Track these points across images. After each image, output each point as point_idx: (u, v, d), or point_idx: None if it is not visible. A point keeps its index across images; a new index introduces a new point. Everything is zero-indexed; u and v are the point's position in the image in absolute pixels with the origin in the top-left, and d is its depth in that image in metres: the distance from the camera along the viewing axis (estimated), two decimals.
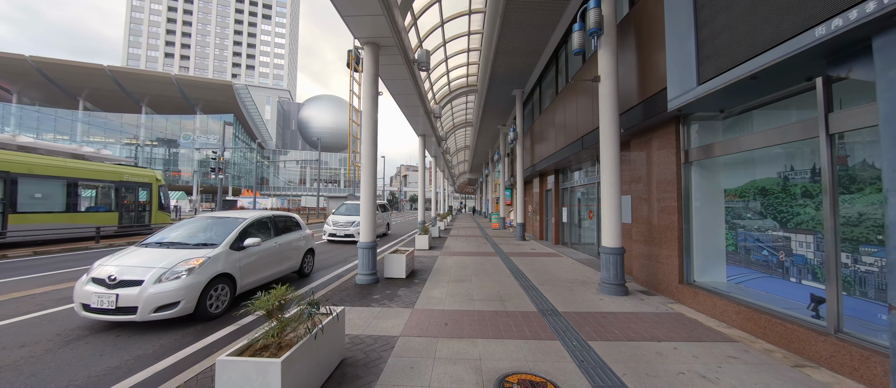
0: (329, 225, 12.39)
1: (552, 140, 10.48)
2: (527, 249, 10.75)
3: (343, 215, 12.93)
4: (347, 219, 12.50)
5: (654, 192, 5.55)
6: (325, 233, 12.39)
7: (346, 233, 12.16)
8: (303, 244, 6.71)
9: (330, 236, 12.26)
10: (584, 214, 9.99)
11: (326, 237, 12.40)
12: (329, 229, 12.30)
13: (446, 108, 16.48)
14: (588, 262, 8.23)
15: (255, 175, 36.37)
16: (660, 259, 5.38)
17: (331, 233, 12.24)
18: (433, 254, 9.52)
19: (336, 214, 13.19)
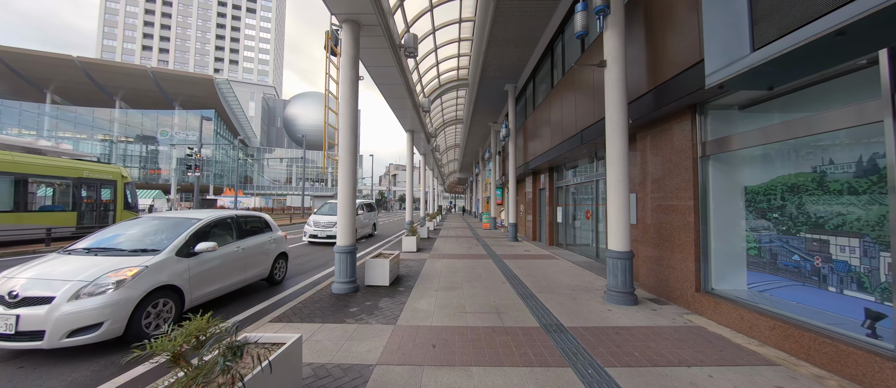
0: (310, 226, 11.57)
1: (547, 136, 9.95)
2: (520, 250, 10.19)
3: (325, 215, 12.13)
4: (330, 219, 11.70)
5: (666, 190, 5.02)
6: (306, 234, 11.57)
7: (329, 234, 11.37)
8: (273, 248, 5.94)
9: (311, 237, 11.45)
10: (580, 213, 9.49)
11: (307, 239, 11.58)
12: (310, 230, 11.48)
13: (436, 103, 15.81)
14: (586, 265, 7.70)
15: (237, 173, 34.94)
16: (672, 264, 4.85)
17: (312, 234, 11.42)
18: (421, 257, 8.85)
19: (318, 213, 12.38)
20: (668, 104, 4.54)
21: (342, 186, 5.38)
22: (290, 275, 7.02)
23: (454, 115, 19.10)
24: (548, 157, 9.85)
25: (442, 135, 23.93)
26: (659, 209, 5.19)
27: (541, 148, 10.66)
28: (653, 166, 5.36)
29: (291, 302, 4.76)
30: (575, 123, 7.63)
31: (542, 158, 10.52)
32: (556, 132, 9.12)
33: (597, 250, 8.20)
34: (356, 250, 5.44)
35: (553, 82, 10.01)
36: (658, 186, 5.22)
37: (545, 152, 10.00)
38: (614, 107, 4.88)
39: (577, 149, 7.83)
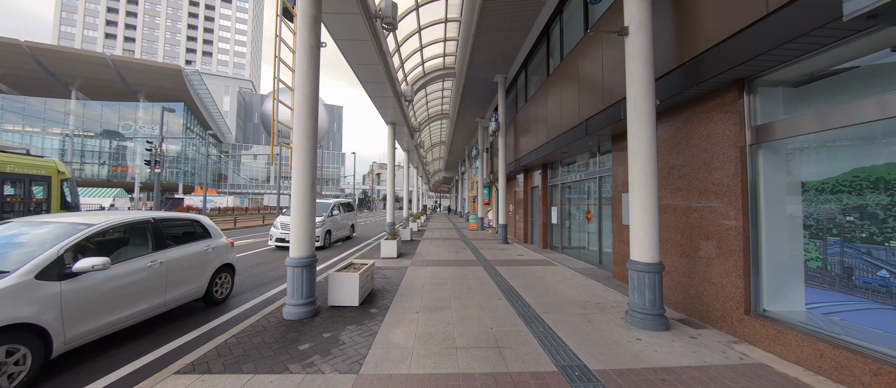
0: (276, 228, 10.24)
1: (542, 129, 9.02)
2: (512, 255, 9.23)
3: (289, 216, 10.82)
4: None
5: (700, 186, 4.12)
6: (272, 238, 10.25)
7: None
8: (211, 259, 4.69)
9: (278, 241, 10.12)
10: (578, 214, 8.61)
11: (274, 243, 10.25)
12: (276, 233, 10.16)
13: (420, 94, 14.68)
14: (589, 272, 6.80)
15: (207, 170, 32.66)
16: (709, 278, 3.96)
17: (278, 237, 10.10)
18: (402, 264, 7.74)
19: (286, 213, 11.05)
20: (708, 79, 3.62)
21: (297, 180, 4.22)
22: (240, 290, 5.76)
23: (439, 108, 18.03)
24: (543, 152, 8.92)
25: (427, 131, 22.81)
26: (688, 211, 4.29)
27: (534, 143, 9.73)
28: (681, 158, 4.46)
29: (225, 334, 3.57)
30: (578, 111, 6.70)
31: (535, 153, 9.59)
32: (553, 124, 8.20)
33: (600, 255, 7.32)
34: (315, 261, 4.28)
35: (549, 70, 9.09)
36: (688, 181, 4.32)
37: (540, 147, 9.07)
38: (639, 84, 3.93)
39: (580, 142, 6.91)
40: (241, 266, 7.68)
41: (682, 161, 4.44)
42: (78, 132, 42.94)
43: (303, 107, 4.23)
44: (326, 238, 10.88)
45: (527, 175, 12.10)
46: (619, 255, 6.11)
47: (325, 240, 10.65)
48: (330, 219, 11.36)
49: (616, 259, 6.22)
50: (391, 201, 12.51)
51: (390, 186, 12.40)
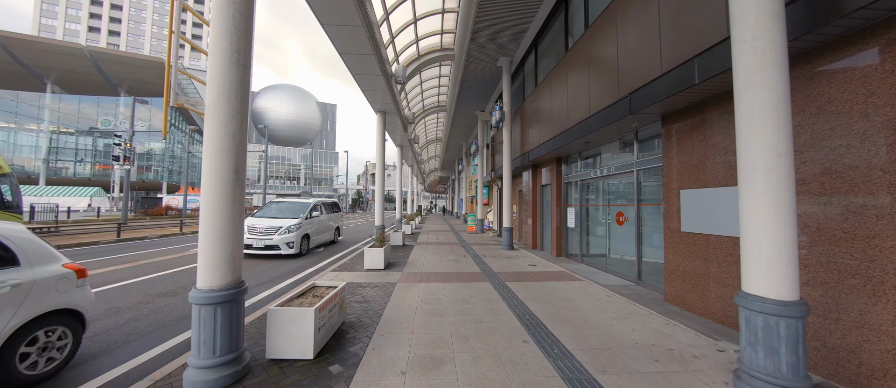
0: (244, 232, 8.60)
1: (560, 115, 7.53)
2: (523, 265, 7.70)
3: (266, 218, 9.20)
4: (271, 223, 8.78)
5: (853, 175, 2.63)
6: None
7: (268, 243, 8.45)
8: (11, 304, 2.58)
9: (245, 247, 8.48)
10: (604, 217, 7.11)
11: None
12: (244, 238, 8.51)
13: (414, 81, 13.13)
14: (629, 292, 5.30)
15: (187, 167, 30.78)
16: (871, 323, 2.46)
17: (245, 243, 8.47)
18: (390, 278, 6.17)
19: (257, 215, 9.43)
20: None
21: (211, 162, 2.64)
22: (132, 336, 3.96)
23: (436, 100, 16.49)
24: (559, 143, 7.43)
25: (422, 125, 21.25)
26: (824, 216, 2.80)
27: (547, 133, 8.24)
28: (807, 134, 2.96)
29: None
30: (615, 86, 5.19)
31: (548, 145, 8.10)
32: (575, 108, 6.70)
33: (638, 269, 5.82)
34: (242, 293, 2.71)
35: (568, 44, 7.61)
36: (825, 167, 2.83)
37: (556, 137, 7.57)
38: (759, 12, 2.42)
39: (613, 126, 5.42)
40: (158, 289, 5.69)
41: (810, 139, 2.95)
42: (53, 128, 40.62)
43: (222, 47, 2.66)
44: (303, 244, 9.29)
45: (535, 171, 10.61)
46: (674, 271, 4.61)
47: (301, 246, 9.06)
48: (308, 221, 9.75)
49: (669, 276, 4.72)
50: (380, 201, 10.93)
51: (380, 183, 10.83)
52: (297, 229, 8.93)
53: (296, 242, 8.76)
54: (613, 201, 6.83)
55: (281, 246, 8.48)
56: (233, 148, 2.67)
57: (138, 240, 12.85)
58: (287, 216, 9.42)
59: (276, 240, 8.52)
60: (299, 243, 8.94)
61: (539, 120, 9.12)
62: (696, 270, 4.24)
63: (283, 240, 8.53)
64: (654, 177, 5.60)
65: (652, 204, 5.62)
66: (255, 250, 8.55)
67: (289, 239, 8.55)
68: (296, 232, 8.84)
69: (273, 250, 8.55)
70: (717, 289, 3.96)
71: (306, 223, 9.52)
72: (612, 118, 5.25)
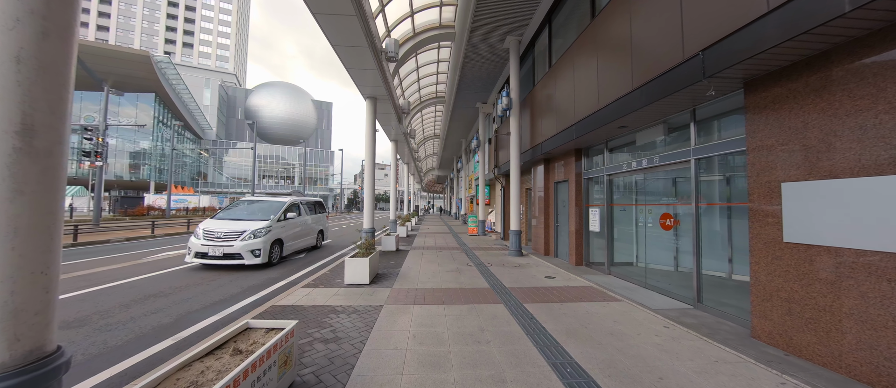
0: (197, 237, 7.18)
1: (583, 98, 6.20)
2: (538, 277, 6.36)
3: (227, 220, 7.70)
4: (233, 226, 7.31)
5: None
6: (190, 251, 7.15)
7: (227, 251, 6.93)
8: None
9: (198, 255, 7.05)
10: (642, 219, 5.78)
11: (191, 258, 7.12)
12: (196, 245, 7.07)
13: (409, 65, 11.76)
14: (691, 320, 3.97)
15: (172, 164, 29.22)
16: None
17: (199, 251, 7.02)
18: (374, 299, 4.81)
19: (218, 217, 7.97)
20: None
21: None
22: None
23: (433, 89, 15.13)
24: (584, 129, 6.11)
25: (418, 119, 19.87)
26: None
27: (565, 120, 6.91)
28: None
29: None
30: (678, 41, 3.85)
31: (568, 134, 6.78)
32: (609, 83, 5.37)
33: (697, 289, 4.48)
34: (44, 378, 1.33)
35: (595, 8, 6.28)
36: None
37: (582, 121, 6.24)
38: None
39: (672, 98, 4.08)
40: (60, 317, 4.63)
41: None
42: None
43: None
44: (273, 252, 7.72)
45: (548, 167, 9.28)
46: (770, 297, 3.28)
47: (271, 254, 7.56)
48: (281, 224, 8.21)
49: (761, 304, 3.38)
50: (370, 200, 9.52)
51: (369, 180, 9.41)
52: (265, 234, 7.39)
53: (263, 249, 7.23)
54: (654, 200, 5.50)
55: (243, 254, 6.96)
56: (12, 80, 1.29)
57: (97, 244, 11.40)
58: (255, 218, 7.84)
59: (237, 247, 6.98)
60: (268, 250, 7.38)
61: (553, 107, 7.78)
62: (814, 299, 2.91)
63: (246, 247, 7.00)
64: (725, 168, 4.28)
65: (721, 203, 4.29)
66: (212, 259, 7.02)
67: (254, 246, 7.08)
68: (264, 237, 7.32)
69: (234, 260, 6.99)
70: (858, 331, 2.64)
71: (278, 227, 7.99)
72: (670, 88, 3.91)
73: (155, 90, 43.43)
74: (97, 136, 18.46)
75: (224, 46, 78.99)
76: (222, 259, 6.97)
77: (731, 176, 4.22)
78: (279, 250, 7.95)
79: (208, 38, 77.03)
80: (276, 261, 7.80)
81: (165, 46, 71.75)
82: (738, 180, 4.08)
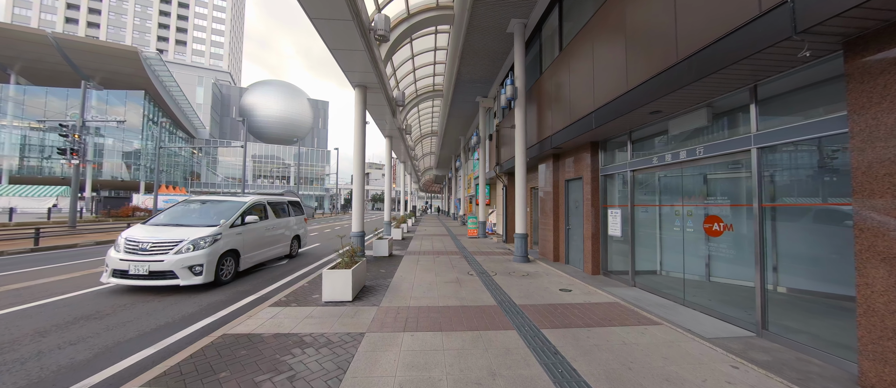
0: (116, 250, 5.45)
1: (605, 79, 5.29)
2: (552, 289, 5.42)
3: (160, 226, 6.06)
4: (165, 235, 5.64)
5: None
6: (108, 267, 5.38)
7: (155, 268, 5.24)
8: None
9: (117, 274, 5.30)
10: (680, 223, 4.86)
11: (108, 278, 5.34)
12: (115, 258, 5.33)
13: (403, 52, 10.80)
14: (763, 356, 3.06)
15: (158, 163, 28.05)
16: None
17: (118, 268, 5.27)
18: (357, 322, 3.86)
19: (151, 222, 6.29)
20: None
21: None
22: None
23: (430, 81, 14.18)
24: (606, 116, 5.21)
25: (415, 115, 18.92)
26: None
27: (582, 107, 6.00)
28: None
29: None
30: None
31: (584, 124, 5.87)
32: (641, 58, 4.45)
33: (763, 310, 3.56)
34: None
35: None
36: None
37: (605, 106, 5.32)
38: None
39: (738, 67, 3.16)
40: None
41: None
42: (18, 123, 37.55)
43: None
44: (224, 267, 5.98)
45: (557, 163, 8.36)
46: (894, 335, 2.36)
47: (217, 272, 5.78)
48: (237, 230, 6.47)
49: (876, 341, 2.47)
50: (359, 200, 8.55)
51: (358, 178, 8.46)
52: (209, 244, 5.68)
53: (207, 263, 5.55)
54: (695, 200, 4.58)
55: (177, 272, 5.28)
56: None
57: (61, 249, 10.38)
58: (200, 223, 6.17)
59: (169, 263, 5.25)
60: (214, 265, 5.70)
61: (565, 95, 6.87)
62: None
63: (181, 262, 5.31)
64: (803, 159, 3.37)
65: (799, 204, 3.38)
66: (133, 279, 5.24)
67: (193, 261, 5.42)
68: (208, 249, 5.63)
69: (163, 280, 5.26)
70: None
71: (232, 234, 6.28)
72: (737, 54, 2.98)
73: (144, 88, 42.23)
74: (74, 133, 17.39)
75: (218, 44, 77.66)
76: (148, 279, 5.24)
77: (806, 173, 3.31)
78: (234, 263, 6.28)
79: (202, 35, 75.67)
80: (228, 278, 6.09)
81: (158, 44, 70.36)
82: (823, 174, 3.17)
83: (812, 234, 3.26)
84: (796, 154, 3.41)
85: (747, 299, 3.78)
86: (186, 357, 3.00)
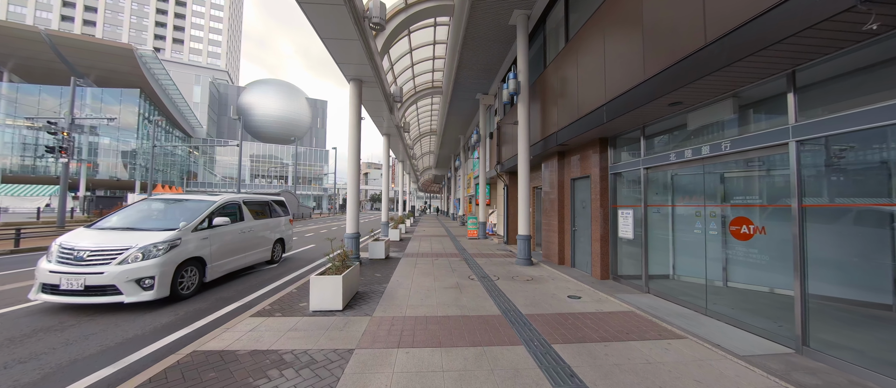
0: (49, 259, 4.51)
1: (618, 68, 4.89)
2: (559, 296, 5.02)
3: (104, 230, 5.08)
4: (108, 240, 4.70)
5: None
6: (36, 281, 4.44)
7: (93, 282, 4.27)
8: None
9: (48, 289, 4.35)
10: (701, 225, 4.45)
11: (37, 294, 4.38)
12: (45, 270, 4.38)
13: (401, 46, 10.39)
14: (810, 380, 2.66)
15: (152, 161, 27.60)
16: None
17: (46, 283, 4.35)
18: (346, 336, 3.45)
19: (97, 225, 5.26)
20: None
21: None
22: None
23: (430, 77, 13.76)
24: (620, 109, 4.82)
25: (413, 113, 18.50)
26: None
27: (591, 101, 5.60)
28: None
29: None
30: None
31: (594, 118, 5.48)
32: (661, 43, 4.05)
33: (803, 325, 3.15)
34: None
35: None
36: None
37: (620, 97, 4.92)
38: None
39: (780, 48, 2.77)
40: None
41: None
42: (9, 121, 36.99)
43: None
44: (183, 279, 5.06)
45: (562, 161, 7.96)
46: None
47: (174, 284, 4.84)
48: (202, 235, 5.52)
49: None
50: (354, 199, 8.11)
51: (353, 175, 7.99)
52: (164, 252, 4.71)
53: (160, 275, 4.57)
54: (720, 200, 4.18)
55: (121, 287, 4.31)
56: None
57: (42, 251, 9.93)
58: (157, 227, 5.18)
59: (110, 275, 4.29)
60: (170, 276, 4.74)
61: (572, 88, 6.47)
62: None
63: (126, 274, 4.35)
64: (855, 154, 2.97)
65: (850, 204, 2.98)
66: (65, 295, 4.27)
67: (141, 272, 4.44)
68: (162, 256, 4.65)
69: (104, 297, 4.29)
70: None
71: (196, 239, 5.34)
72: (788, 28, 2.58)
73: (140, 86, 41.69)
74: (63, 130, 16.93)
75: (216, 43, 77.07)
76: (83, 295, 4.25)
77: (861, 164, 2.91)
78: (198, 273, 5.33)
79: (199, 34, 75.09)
80: (189, 292, 5.12)
81: (155, 42, 69.79)
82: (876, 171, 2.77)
83: (860, 238, 2.87)
84: (845, 148, 3.00)
85: (780, 309, 3.39)
86: (145, 381, 2.58)
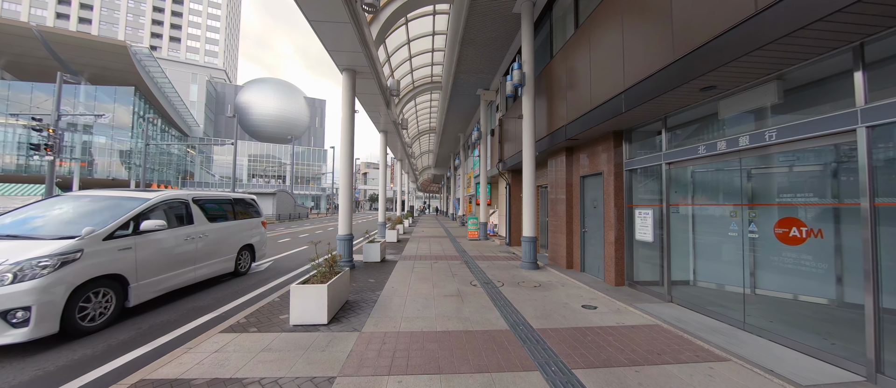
0: None
1: (633, 55, 4.36)
2: (572, 305, 4.49)
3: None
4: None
5: None
6: None
7: None
8: None
9: None
10: (737, 227, 3.91)
11: None
12: None
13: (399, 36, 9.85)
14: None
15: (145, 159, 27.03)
16: None
17: None
18: (330, 357, 2.91)
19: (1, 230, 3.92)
20: None
21: None
22: None
23: (429, 71, 13.21)
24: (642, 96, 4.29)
25: (412, 110, 17.96)
26: None
27: (605, 90, 5.08)
28: None
29: None
30: None
31: (614, 106, 4.97)
32: (697, 14, 3.52)
33: (877, 349, 2.62)
34: None
35: None
36: None
37: (637, 85, 4.38)
38: None
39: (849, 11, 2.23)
40: None
41: None
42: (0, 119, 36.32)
43: None
44: (90, 307, 3.72)
45: (570, 157, 7.43)
46: None
47: (61, 317, 3.40)
48: (119, 243, 4.10)
49: None
50: (347, 198, 7.54)
51: (346, 173, 7.44)
52: (50, 269, 3.36)
53: (42, 304, 3.24)
54: (760, 198, 3.65)
55: None
56: None
57: None
58: (45, 234, 3.81)
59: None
60: (62, 304, 3.41)
61: (582, 78, 5.93)
62: None
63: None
64: None
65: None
66: None
67: (9, 301, 3.12)
68: (46, 276, 3.30)
69: None
70: None
71: (108, 250, 3.94)
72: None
73: (135, 84, 41.03)
74: (48, 127, 16.33)
75: (213, 41, 76.35)
76: None
77: None
78: (113, 299, 3.95)
79: (197, 32, 74.36)
80: (100, 323, 3.77)
81: (151, 40, 69.05)
82: None
83: None
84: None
85: (839, 325, 2.86)
86: None
